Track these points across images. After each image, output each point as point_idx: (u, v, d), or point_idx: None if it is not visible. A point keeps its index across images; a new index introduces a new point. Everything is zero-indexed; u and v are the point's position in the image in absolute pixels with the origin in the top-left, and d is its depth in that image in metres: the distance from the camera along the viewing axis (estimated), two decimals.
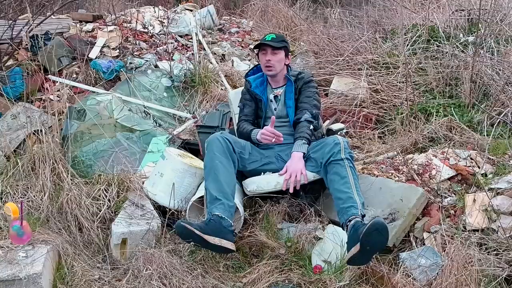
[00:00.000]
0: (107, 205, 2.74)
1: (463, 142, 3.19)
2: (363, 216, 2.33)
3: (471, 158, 2.84)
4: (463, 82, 3.94)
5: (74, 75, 4.04)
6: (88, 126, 3.32)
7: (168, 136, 3.32)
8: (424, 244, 2.43)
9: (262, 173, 2.78)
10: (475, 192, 2.60)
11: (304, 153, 2.69)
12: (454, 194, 2.70)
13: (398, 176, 2.86)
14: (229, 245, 2.33)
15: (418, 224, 2.52)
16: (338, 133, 3.04)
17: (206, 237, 2.26)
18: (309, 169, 2.67)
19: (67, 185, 2.77)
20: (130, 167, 3.07)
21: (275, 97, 2.98)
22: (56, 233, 2.59)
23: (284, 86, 2.98)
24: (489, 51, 4.24)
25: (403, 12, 5.27)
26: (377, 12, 5.70)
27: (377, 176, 2.89)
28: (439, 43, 4.65)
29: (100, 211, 2.70)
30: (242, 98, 3.05)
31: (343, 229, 2.34)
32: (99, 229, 2.65)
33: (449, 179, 2.79)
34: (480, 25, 4.73)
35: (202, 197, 2.67)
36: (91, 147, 3.24)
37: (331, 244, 2.44)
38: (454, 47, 4.47)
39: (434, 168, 2.83)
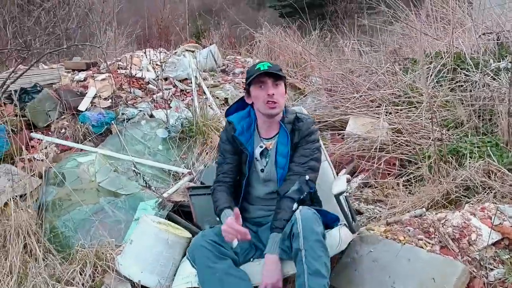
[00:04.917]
0: None
1: (507, 193, 2.65)
2: None
3: None
4: (499, 116, 3.42)
5: (63, 130, 3.70)
6: (68, 192, 2.92)
7: (157, 200, 2.87)
8: None
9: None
10: None
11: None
12: (502, 264, 2.17)
13: (429, 243, 2.34)
14: None
15: None
16: (342, 195, 2.12)
17: None
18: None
19: (34, 269, 2.36)
20: (113, 239, 2.65)
21: (263, 151, 2.22)
22: None
23: (277, 136, 2.22)
24: None
25: (424, 39, 4.80)
26: (396, 41, 5.24)
27: (404, 243, 2.38)
28: (466, 71, 4.15)
29: None
30: (222, 148, 2.30)
31: None
32: None
33: (493, 244, 2.26)
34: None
35: None
36: (71, 216, 2.84)
37: None
38: (484, 75, 3.97)
39: (473, 231, 2.30)
